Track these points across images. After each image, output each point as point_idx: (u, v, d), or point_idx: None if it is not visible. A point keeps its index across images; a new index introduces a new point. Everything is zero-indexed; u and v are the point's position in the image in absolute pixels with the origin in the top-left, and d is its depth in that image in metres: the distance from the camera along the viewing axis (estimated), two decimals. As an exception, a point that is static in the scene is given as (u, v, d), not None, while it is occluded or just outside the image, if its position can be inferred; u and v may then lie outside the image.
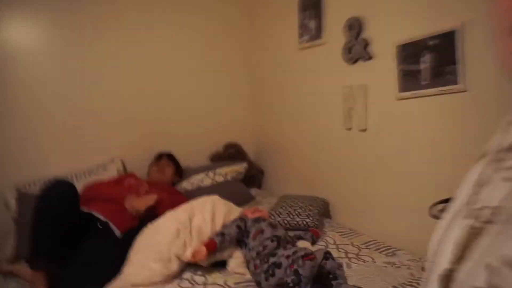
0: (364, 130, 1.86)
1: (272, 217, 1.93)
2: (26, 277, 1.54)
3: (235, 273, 1.49)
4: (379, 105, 1.77)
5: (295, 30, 2.28)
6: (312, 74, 2.22)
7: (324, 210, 2.09)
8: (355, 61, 1.86)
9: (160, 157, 2.37)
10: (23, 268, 1.57)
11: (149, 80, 2.55)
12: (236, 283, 1.41)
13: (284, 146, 2.59)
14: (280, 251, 1.37)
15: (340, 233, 1.85)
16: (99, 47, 2.37)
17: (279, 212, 1.99)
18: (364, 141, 1.87)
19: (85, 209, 1.80)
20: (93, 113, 2.38)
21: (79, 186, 2.08)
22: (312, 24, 2.15)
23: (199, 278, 1.45)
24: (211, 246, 1.47)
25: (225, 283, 1.41)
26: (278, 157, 2.67)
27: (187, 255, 1.46)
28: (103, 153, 2.41)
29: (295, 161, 2.48)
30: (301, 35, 2.24)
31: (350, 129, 1.95)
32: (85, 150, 2.37)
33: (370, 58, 1.78)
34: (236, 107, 2.89)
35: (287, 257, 1.29)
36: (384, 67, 1.70)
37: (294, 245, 1.53)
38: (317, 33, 2.11)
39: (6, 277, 1.61)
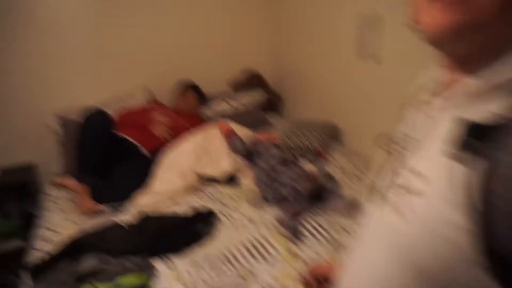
0: (379, 61, 1.87)
1: (283, 140, 2.10)
2: (74, 188, 1.86)
3: (247, 189, 1.72)
4: (396, 36, 1.76)
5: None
6: (327, 1, 2.19)
7: (333, 135, 2.23)
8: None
9: (185, 89, 2.52)
10: (71, 181, 1.88)
11: (172, 12, 2.59)
12: (247, 197, 1.64)
13: (302, 73, 2.66)
14: (286, 172, 1.55)
15: (345, 156, 2.00)
16: None
17: (289, 135, 2.15)
18: (379, 72, 1.89)
19: (120, 133, 2.05)
20: (123, 47, 2.52)
21: (112, 111, 2.34)
22: None
23: (215, 193, 1.70)
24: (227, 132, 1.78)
25: (238, 197, 1.64)
26: (296, 84, 2.75)
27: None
28: (131, 82, 2.58)
29: (312, 88, 2.56)
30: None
31: (364, 59, 1.96)
32: (117, 79, 2.56)
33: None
34: (255, 33, 2.90)
35: (290, 177, 1.47)
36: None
37: (299, 166, 1.71)
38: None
39: (58, 188, 1.94)
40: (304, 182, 1.36)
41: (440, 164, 0.40)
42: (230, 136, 1.83)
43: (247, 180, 1.74)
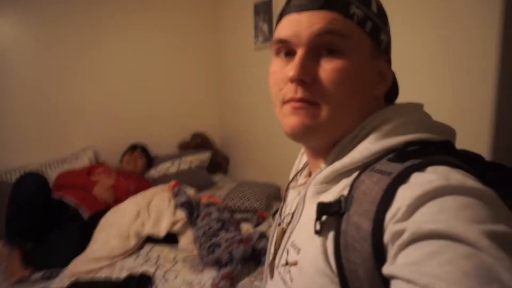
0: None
1: (225, 202, 2.19)
2: (2, 255, 1.78)
3: (184, 249, 1.75)
4: None
5: (251, 32, 2.49)
6: (266, 73, 2.44)
7: (275, 195, 2.36)
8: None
9: (134, 149, 2.58)
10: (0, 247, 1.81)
11: (121, 76, 2.73)
12: (184, 257, 1.67)
13: (246, 136, 2.83)
14: (222, 233, 1.63)
15: (283, 216, 2.12)
16: (72, 47, 2.53)
17: (231, 197, 2.25)
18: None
19: (58, 195, 2.03)
20: (67, 106, 2.56)
21: (53, 174, 2.32)
22: (265, 27, 2.36)
23: (153, 254, 1.71)
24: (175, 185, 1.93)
25: (175, 258, 1.67)
26: (241, 145, 2.92)
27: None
28: (75, 144, 2.61)
29: (255, 150, 2.73)
30: (256, 37, 2.45)
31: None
32: (59, 140, 2.56)
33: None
34: (203, 100, 3.11)
35: (227, 240, 1.54)
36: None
37: (237, 228, 1.79)
38: (270, 35, 2.32)
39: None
40: (237, 244, 1.44)
41: (308, 238, 0.51)
42: (176, 190, 1.91)
43: (186, 240, 1.78)
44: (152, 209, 1.80)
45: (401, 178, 0.43)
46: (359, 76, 0.51)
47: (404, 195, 0.41)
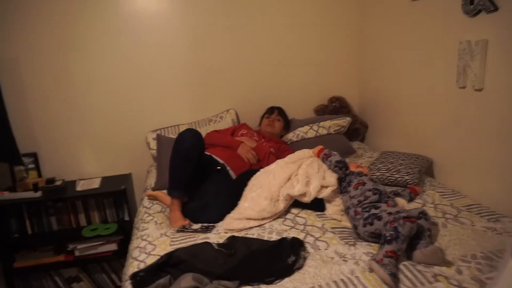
0: (480, 90, 1.75)
1: (371, 171, 2.02)
2: (166, 202, 1.98)
3: (332, 218, 1.67)
4: (500, 63, 1.63)
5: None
6: (423, 28, 2.10)
7: (426, 169, 2.09)
8: (477, 13, 1.71)
9: (271, 111, 2.58)
10: (163, 195, 2.02)
11: (260, 40, 2.72)
12: (332, 228, 1.59)
13: (389, 101, 2.55)
14: (383, 206, 1.47)
15: (441, 193, 1.85)
16: (219, 17, 2.62)
17: (378, 167, 2.06)
18: (479, 100, 1.76)
19: (207, 153, 2.16)
20: (214, 71, 2.70)
21: (201, 132, 2.47)
22: (431, -29, 1.99)
23: (300, 219, 1.68)
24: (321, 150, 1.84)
25: (323, 226, 1.61)
26: (383, 111, 2.65)
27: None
28: (220, 105, 2.75)
29: (400, 116, 2.44)
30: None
31: (463, 87, 1.84)
32: (206, 102, 2.74)
33: (495, 9, 1.62)
34: (342, 61, 2.90)
35: (389, 213, 1.38)
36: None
37: (393, 201, 1.61)
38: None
39: (151, 199, 2.09)
40: (402, 221, 1.28)
41: None
42: (327, 151, 1.83)
43: (334, 208, 1.70)
44: (301, 172, 1.75)
45: None
46: None
47: None
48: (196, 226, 1.69)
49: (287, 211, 1.75)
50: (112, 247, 2.46)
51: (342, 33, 2.83)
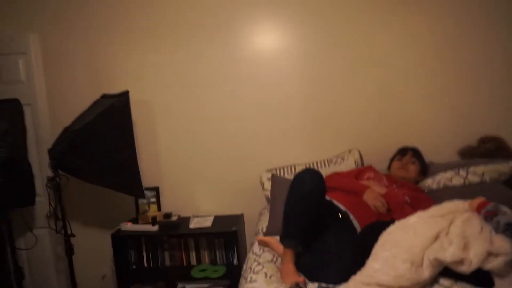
0: None
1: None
2: (278, 251, 1.73)
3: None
4: None
5: None
6: None
7: None
8: None
9: (404, 152, 2.19)
10: (276, 242, 1.78)
11: (387, 68, 2.40)
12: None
13: None
14: None
15: None
16: (338, 51, 2.43)
17: None
18: None
19: (328, 197, 1.87)
20: (333, 107, 2.47)
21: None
22: None
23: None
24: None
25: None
26: None
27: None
28: (341, 144, 2.46)
29: None
30: None
31: None
32: (325, 141, 2.50)
33: None
34: (496, 94, 2.34)
35: None
36: None
37: None
38: None
39: (261, 245, 1.87)
40: None
41: None
42: (492, 206, 1.35)
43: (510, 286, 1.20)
44: (454, 231, 1.31)
45: None
46: None
47: None
48: (313, 285, 1.39)
49: (434, 280, 1.32)
50: (220, 291, 2.30)
51: (499, 53, 2.30)
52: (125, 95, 2.19)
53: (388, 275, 1.27)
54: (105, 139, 2.13)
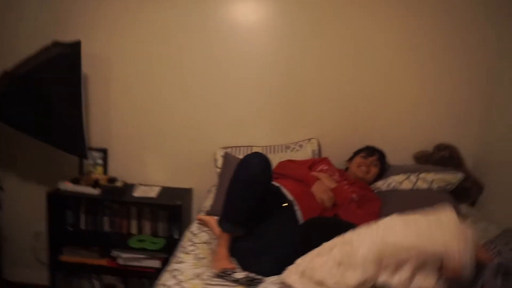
0: None
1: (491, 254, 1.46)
2: (216, 232, 1.68)
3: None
4: None
5: None
6: None
7: None
8: None
9: (371, 153, 2.14)
10: (215, 223, 1.71)
11: (361, 66, 2.32)
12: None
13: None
14: None
15: None
16: (312, 34, 2.30)
17: (500, 249, 1.49)
18: None
19: (275, 183, 1.82)
20: (302, 95, 2.37)
21: (275, 158, 2.15)
22: None
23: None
24: None
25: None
26: (508, 173, 2.03)
27: None
28: (302, 133, 2.39)
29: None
30: None
31: None
32: (287, 127, 2.42)
33: None
34: (460, 99, 2.33)
35: None
36: None
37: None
38: None
39: (201, 223, 1.81)
40: None
41: None
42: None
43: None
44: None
45: None
46: None
47: None
48: (240, 275, 1.34)
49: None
50: (156, 263, 2.25)
51: (465, 62, 2.28)
52: (77, 46, 2.00)
53: (333, 277, 1.19)
54: (49, 89, 1.96)
